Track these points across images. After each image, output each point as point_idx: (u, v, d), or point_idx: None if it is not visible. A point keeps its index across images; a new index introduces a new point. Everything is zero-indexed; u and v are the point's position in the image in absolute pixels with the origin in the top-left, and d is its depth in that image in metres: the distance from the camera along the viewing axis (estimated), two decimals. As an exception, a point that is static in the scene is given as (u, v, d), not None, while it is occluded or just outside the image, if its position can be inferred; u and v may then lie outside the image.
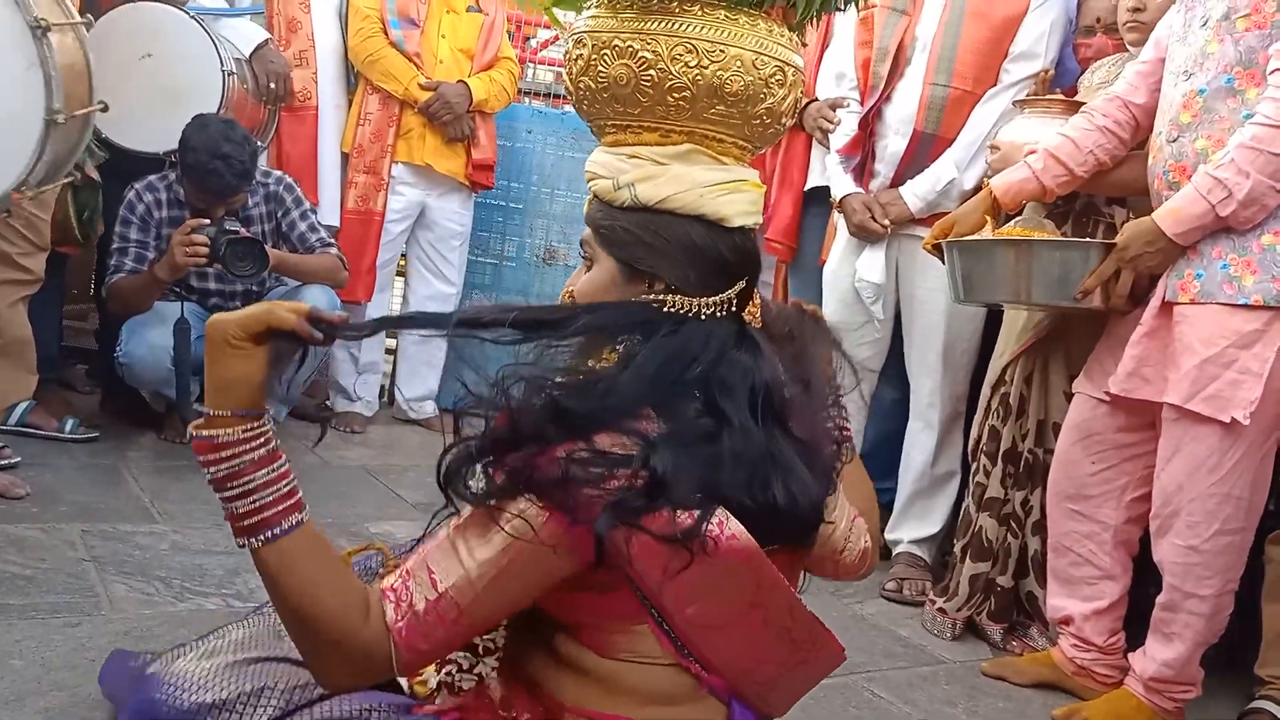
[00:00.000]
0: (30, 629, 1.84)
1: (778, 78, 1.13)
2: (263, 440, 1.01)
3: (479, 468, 1.02)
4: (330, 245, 3.25)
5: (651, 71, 1.09)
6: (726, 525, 1.04)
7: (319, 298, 3.16)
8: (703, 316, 1.11)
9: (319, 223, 3.28)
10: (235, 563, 2.28)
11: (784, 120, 1.17)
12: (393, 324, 1.11)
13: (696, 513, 1.02)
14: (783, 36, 1.13)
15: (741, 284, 1.14)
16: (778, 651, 1.13)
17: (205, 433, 1.00)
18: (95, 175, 3.04)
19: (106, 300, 3.22)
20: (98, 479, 2.73)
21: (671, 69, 1.09)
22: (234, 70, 3.20)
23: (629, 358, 1.07)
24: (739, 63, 1.10)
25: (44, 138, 2.23)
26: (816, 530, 1.17)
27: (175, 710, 1.32)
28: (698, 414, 1.06)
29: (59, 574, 2.10)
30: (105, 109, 2.45)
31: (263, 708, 1.28)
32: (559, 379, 1.04)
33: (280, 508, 1.00)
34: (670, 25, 1.09)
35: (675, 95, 1.10)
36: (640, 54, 1.09)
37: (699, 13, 1.09)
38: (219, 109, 3.12)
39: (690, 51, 1.08)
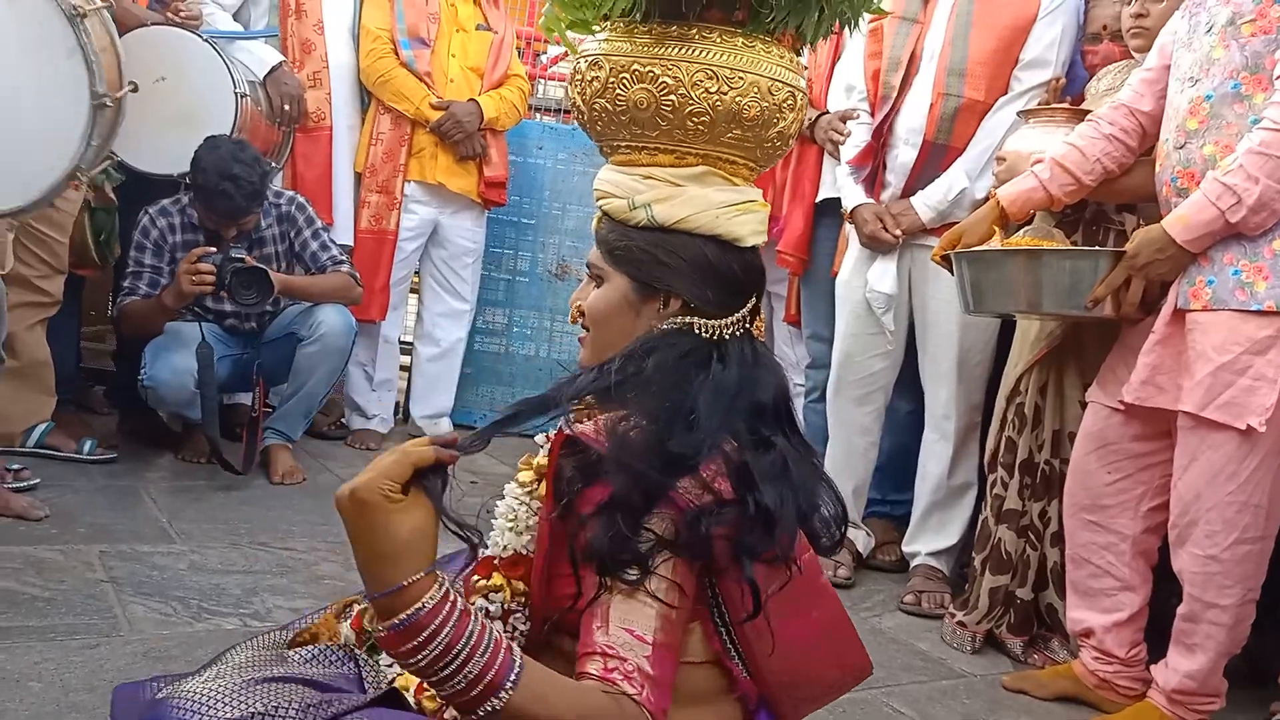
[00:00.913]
0: (49, 651, 1.85)
1: (789, 102, 1.16)
2: (449, 592, 0.92)
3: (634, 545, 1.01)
4: (342, 262, 3.26)
5: (672, 96, 1.12)
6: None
7: (332, 316, 3.19)
8: (724, 336, 1.14)
9: (331, 240, 3.29)
10: (253, 582, 2.29)
11: (790, 142, 1.20)
12: (506, 424, 1.08)
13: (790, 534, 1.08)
14: (791, 62, 1.17)
15: (753, 301, 1.17)
16: (827, 658, 1.17)
17: (404, 616, 0.90)
18: (113, 197, 3.07)
19: (117, 321, 3.25)
20: (116, 500, 2.75)
21: (692, 94, 1.11)
22: (247, 92, 3.23)
23: (681, 383, 1.09)
24: (756, 89, 1.12)
25: (91, 121, 2.31)
26: (845, 534, 1.21)
27: None
28: (753, 437, 1.10)
29: (77, 595, 2.11)
30: (136, 89, 2.52)
31: None
32: (638, 422, 1.05)
33: (501, 658, 0.92)
34: (690, 51, 1.11)
35: (695, 120, 1.12)
36: (661, 79, 1.12)
37: (718, 39, 1.12)
38: (232, 131, 3.15)
39: (711, 78, 1.11)
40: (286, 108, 3.43)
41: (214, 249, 2.99)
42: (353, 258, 3.66)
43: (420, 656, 0.90)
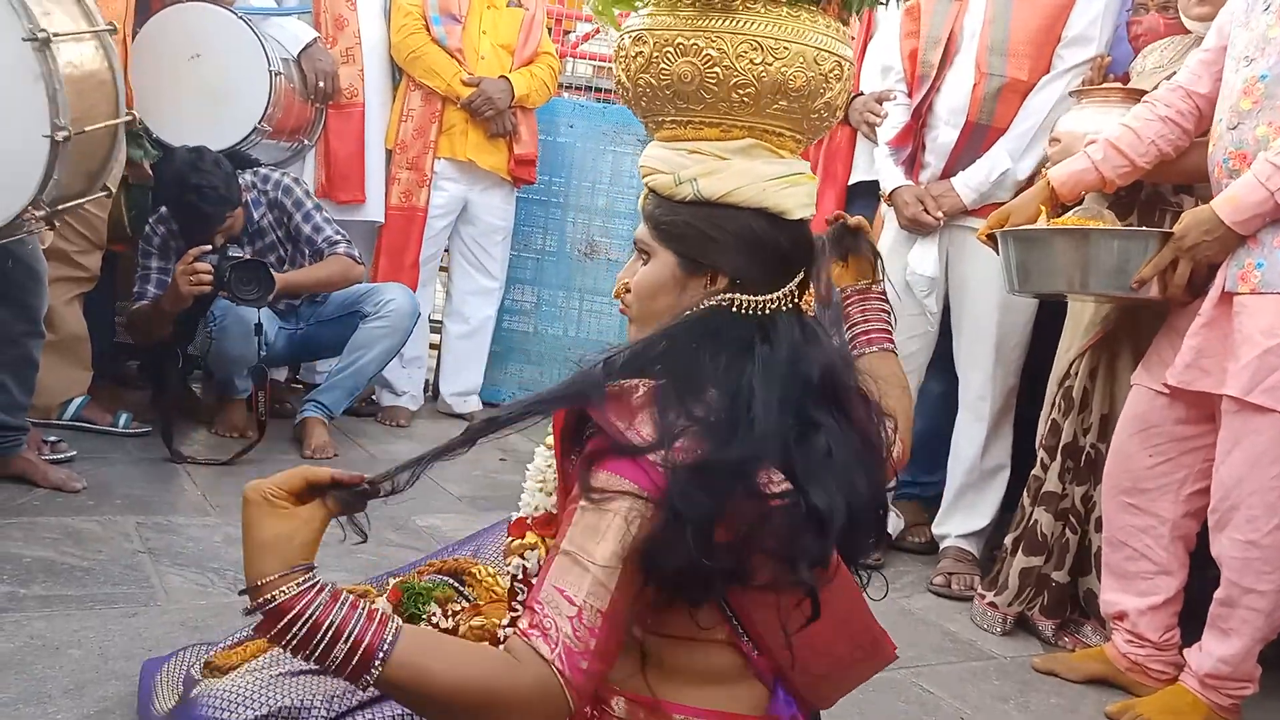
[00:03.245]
0: (88, 619, 1.88)
1: (835, 72, 1.14)
2: (323, 585, 0.97)
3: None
4: (338, 242, 3.21)
5: (717, 69, 1.10)
6: None
7: (401, 296, 3.20)
8: (767, 311, 1.12)
9: (325, 220, 3.24)
10: (286, 555, 2.31)
11: (838, 113, 1.18)
12: (514, 420, 1.08)
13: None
14: (838, 31, 1.15)
15: (800, 275, 1.16)
16: (837, 645, 1.14)
17: (259, 604, 0.95)
18: (150, 172, 3.09)
19: (127, 328, 3.26)
20: (151, 473, 2.78)
21: (737, 66, 1.10)
22: (281, 70, 3.24)
23: (727, 375, 1.07)
24: (802, 59, 1.11)
25: (51, 157, 2.08)
26: (886, 526, 1.19)
27: None
28: (800, 421, 1.08)
29: (115, 565, 2.14)
30: (134, 121, 2.38)
31: None
32: (687, 421, 1.03)
33: (374, 627, 0.95)
34: (734, 23, 1.10)
35: (740, 92, 1.11)
36: (705, 51, 1.10)
37: (762, 10, 1.11)
38: (266, 108, 3.16)
39: (756, 49, 1.10)
40: (321, 84, 3.43)
41: (209, 247, 2.95)
42: (381, 234, 3.68)
43: (289, 637, 0.95)
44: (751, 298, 1.12)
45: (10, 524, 2.27)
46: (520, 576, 1.24)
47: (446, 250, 3.95)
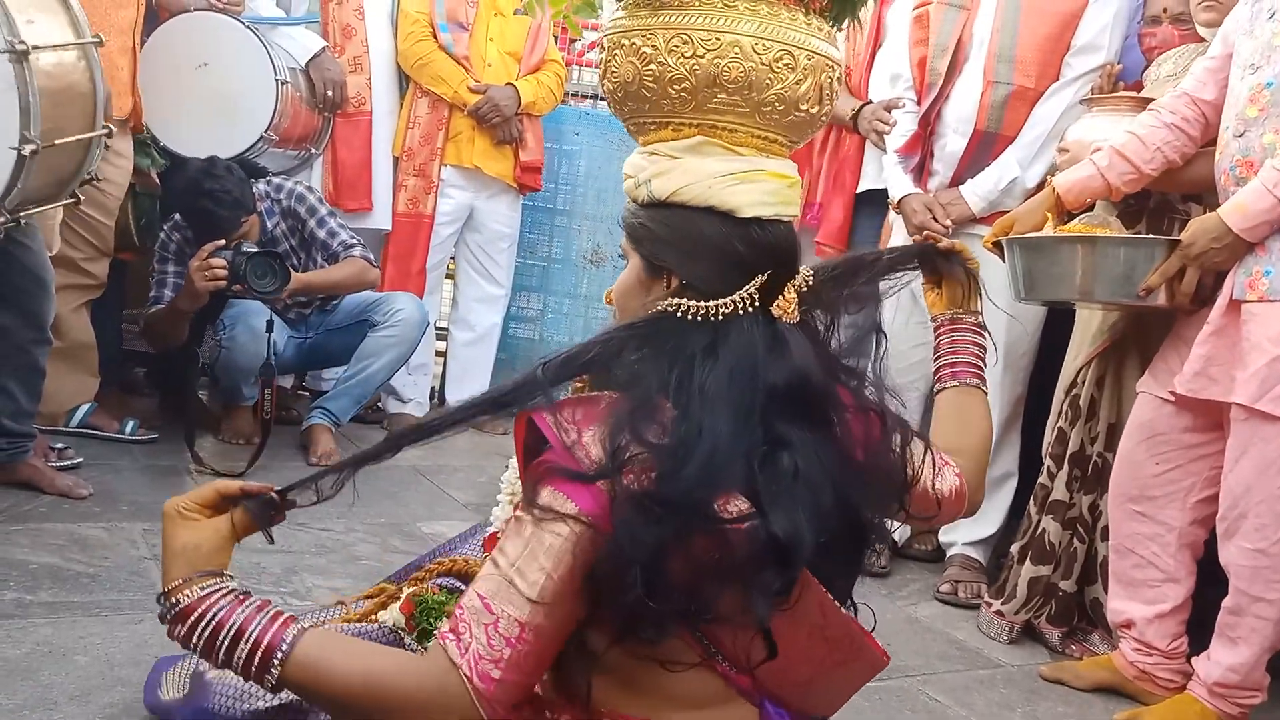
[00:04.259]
0: (94, 625, 1.88)
1: (785, 61, 1.08)
2: (228, 589, 1.02)
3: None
4: (353, 246, 3.22)
5: (652, 66, 1.09)
6: None
7: (409, 306, 3.21)
8: (720, 316, 1.07)
9: (340, 225, 3.26)
10: (292, 561, 2.31)
11: (805, 107, 1.12)
12: (456, 421, 1.10)
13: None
14: (794, 21, 1.09)
15: (761, 278, 1.09)
16: (812, 650, 1.09)
17: (166, 607, 1.01)
18: (157, 180, 3.10)
19: (143, 334, 3.27)
20: (158, 479, 2.78)
21: (669, 61, 1.08)
22: (287, 79, 3.25)
23: (679, 389, 1.03)
24: (736, 49, 1.07)
25: (16, 168, 2.06)
26: (868, 545, 1.14)
27: (230, 716, 1.34)
28: (766, 440, 1.03)
29: (121, 572, 2.14)
30: (110, 134, 2.34)
31: (314, 713, 1.30)
32: (642, 458, 0.98)
33: (275, 627, 0.99)
34: (669, 19, 1.09)
35: (675, 87, 1.09)
36: (641, 50, 1.10)
37: (696, 4, 1.08)
38: (272, 117, 3.17)
39: (686, 42, 1.07)
40: (329, 93, 3.44)
41: (224, 242, 2.95)
42: (388, 241, 3.68)
43: (194, 638, 0.99)
44: (698, 303, 1.07)
45: (17, 530, 2.27)
46: None
47: (453, 257, 3.95)
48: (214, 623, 0.98)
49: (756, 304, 1.09)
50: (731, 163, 1.10)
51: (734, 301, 1.08)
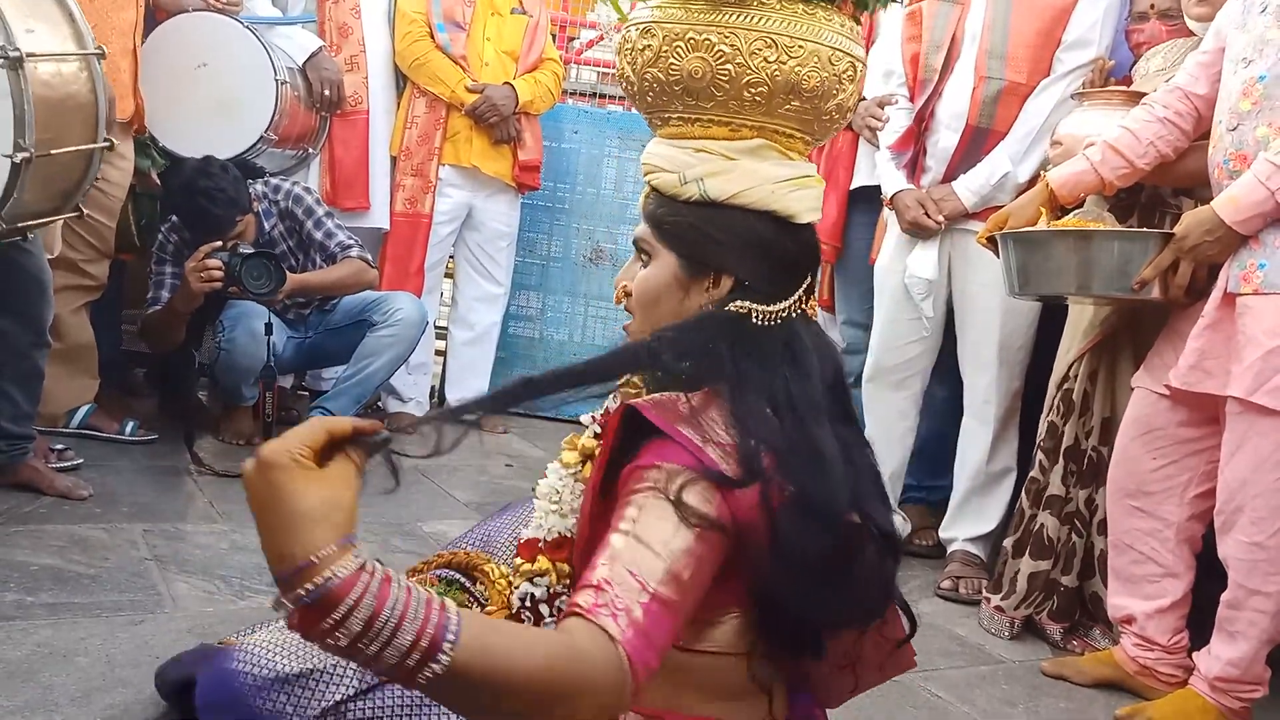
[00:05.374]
0: (95, 627, 1.88)
1: (849, 73, 1.11)
2: (367, 562, 0.78)
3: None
4: (351, 247, 3.22)
5: (729, 66, 1.07)
6: None
7: (408, 305, 3.21)
8: (784, 320, 1.09)
9: (337, 226, 3.26)
10: (292, 562, 2.31)
11: (848, 116, 1.16)
12: (514, 400, 1.02)
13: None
14: (852, 31, 1.12)
15: (808, 280, 1.13)
16: (878, 647, 1.16)
17: (312, 587, 0.75)
18: (157, 181, 3.10)
19: (141, 335, 3.27)
20: (158, 480, 2.78)
21: (750, 64, 1.07)
22: (286, 79, 3.25)
23: (779, 395, 1.04)
24: (816, 58, 1.08)
25: (11, 177, 2.05)
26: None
27: (252, 681, 1.31)
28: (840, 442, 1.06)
29: (122, 573, 2.14)
30: (111, 147, 2.34)
31: (336, 683, 1.28)
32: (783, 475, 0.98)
33: (434, 608, 0.78)
34: (748, 19, 1.07)
35: (752, 91, 1.08)
36: (718, 47, 1.07)
37: (777, 6, 1.07)
38: (272, 116, 3.17)
39: (770, 46, 1.06)
40: (326, 93, 3.44)
41: (220, 243, 2.95)
42: (386, 241, 3.69)
43: (340, 634, 0.75)
44: (767, 307, 1.08)
45: (17, 532, 2.28)
46: (529, 603, 1.19)
47: (451, 257, 3.95)
48: (366, 616, 0.75)
49: (804, 306, 1.13)
50: (787, 168, 1.11)
51: (790, 304, 1.10)
